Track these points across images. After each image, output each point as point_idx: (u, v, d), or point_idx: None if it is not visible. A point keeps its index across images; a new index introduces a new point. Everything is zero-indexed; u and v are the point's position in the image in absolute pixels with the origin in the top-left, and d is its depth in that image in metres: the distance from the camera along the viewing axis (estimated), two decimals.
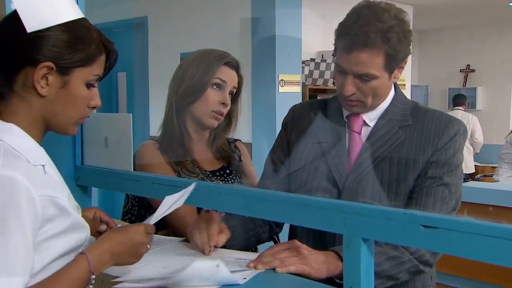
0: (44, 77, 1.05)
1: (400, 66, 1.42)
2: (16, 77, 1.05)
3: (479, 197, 3.09)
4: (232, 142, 1.92)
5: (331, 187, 1.45)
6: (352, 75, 1.38)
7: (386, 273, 1.30)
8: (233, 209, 1.29)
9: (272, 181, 1.57)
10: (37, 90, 1.05)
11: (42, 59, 1.04)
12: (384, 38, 1.33)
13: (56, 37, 1.05)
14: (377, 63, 1.35)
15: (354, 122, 1.48)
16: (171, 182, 1.35)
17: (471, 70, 8.48)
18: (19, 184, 0.93)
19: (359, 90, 1.40)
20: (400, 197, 1.39)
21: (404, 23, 1.37)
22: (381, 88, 1.42)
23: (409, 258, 1.34)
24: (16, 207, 0.92)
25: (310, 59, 4.90)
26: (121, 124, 1.49)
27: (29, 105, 1.06)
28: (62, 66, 1.05)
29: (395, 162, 1.40)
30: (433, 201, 1.37)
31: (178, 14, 5.03)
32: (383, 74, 1.38)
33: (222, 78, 1.73)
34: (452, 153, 1.40)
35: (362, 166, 1.43)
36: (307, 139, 1.54)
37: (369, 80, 1.37)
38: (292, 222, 1.38)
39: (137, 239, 1.12)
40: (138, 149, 1.74)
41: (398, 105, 1.48)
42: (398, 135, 1.43)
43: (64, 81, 1.07)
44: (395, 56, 1.36)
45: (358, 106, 1.44)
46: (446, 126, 1.41)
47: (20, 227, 0.92)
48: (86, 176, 1.57)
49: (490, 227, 0.80)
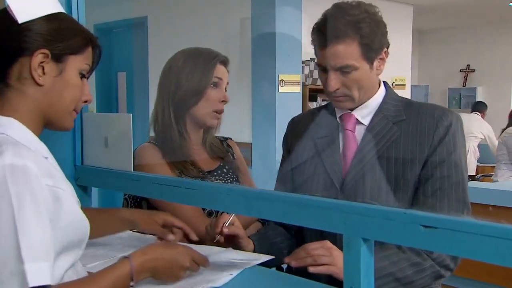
0: (40, 66, 1.06)
1: (380, 58, 1.43)
2: (10, 70, 1.06)
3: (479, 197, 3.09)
4: (224, 140, 1.92)
5: (329, 188, 1.45)
6: (332, 70, 1.40)
7: (408, 279, 1.31)
8: (233, 209, 1.29)
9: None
10: (35, 78, 1.06)
11: (36, 47, 1.06)
12: (355, 28, 1.37)
13: (48, 25, 1.08)
14: (353, 53, 1.38)
15: (347, 121, 1.49)
16: (171, 182, 1.35)
17: (471, 70, 8.49)
18: (31, 172, 0.95)
19: (343, 84, 1.41)
20: (399, 194, 1.39)
21: (374, 15, 1.41)
22: (364, 80, 1.42)
23: (431, 264, 1.34)
24: (33, 195, 0.93)
25: (310, 59, 4.90)
26: (121, 124, 1.49)
27: (25, 97, 1.07)
28: (56, 53, 1.08)
29: (392, 159, 1.40)
30: (448, 204, 1.36)
31: (178, 14, 5.04)
32: (362, 64, 1.40)
33: (218, 76, 1.73)
34: (453, 147, 1.39)
35: (360, 164, 1.43)
36: (304, 144, 1.56)
37: (349, 72, 1.39)
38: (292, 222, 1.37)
39: (180, 261, 1.14)
40: (137, 151, 1.72)
41: (390, 102, 1.49)
42: (393, 131, 1.43)
43: (59, 68, 1.09)
44: (370, 45, 1.39)
45: (346, 101, 1.45)
46: (439, 118, 1.41)
47: (38, 214, 0.93)
48: (86, 176, 1.57)
49: (490, 227, 0.80)
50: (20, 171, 0.93)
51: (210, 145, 1.82)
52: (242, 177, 1.86)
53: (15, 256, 0.88)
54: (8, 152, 0.95)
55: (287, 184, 1.59)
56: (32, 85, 1.07)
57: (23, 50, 1.05)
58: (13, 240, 0.89)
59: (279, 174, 1.65)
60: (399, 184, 1.39)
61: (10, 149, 0.96)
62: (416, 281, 1.33)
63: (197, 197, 1.28)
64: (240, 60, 4.31)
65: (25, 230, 0.90)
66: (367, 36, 1.38)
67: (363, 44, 1.38)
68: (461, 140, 1.42)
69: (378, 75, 1.47)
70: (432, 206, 1.36)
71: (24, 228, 0.90)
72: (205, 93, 1.71)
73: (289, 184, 1.58)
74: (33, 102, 1.08)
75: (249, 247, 1.47)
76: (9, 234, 0.89)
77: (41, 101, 1.08)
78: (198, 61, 1.73)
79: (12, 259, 0.88)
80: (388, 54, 1.45)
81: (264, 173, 3.14)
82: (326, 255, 1.29)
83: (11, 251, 0.88)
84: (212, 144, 1.83)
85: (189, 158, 1.74)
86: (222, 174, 1.80)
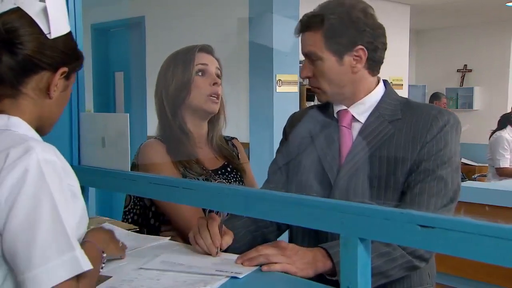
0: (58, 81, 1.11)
1: (355, 55, 1.44)
2: (28, 80, 1.08)
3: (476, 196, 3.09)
4: (229, 140, 1.93)
5: (323, 182, 1.46)
6: (305, 58, 1.49)
7: (378, 270, 1.29)
8: (232, 209, 1.29)
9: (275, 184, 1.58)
10: (50, 92, 1.10)
11: (61, 64, 1.10)
12: (323, 19, 1.43)
13: (70, 43, 1.13)
14: (317, 42, 1.44)
15: (343, 117, 1.51)
16: (169, 182, 1.35)
17: (468, 70, 8.49)
18: (60, 167, 0.99)
19: (313, 74, 1.48)
20: (390, 191, 1.39)
21: (353, 10, 1.43)
22: (332, 73, 1.45)
23: (401, 254, 1.33)
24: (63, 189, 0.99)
25: None
26: (118, 123, 1.49)
27: (34, 106, 1.10)
28: (70, 71, 1.14)
29: (385, 156, 1.41)
30: (427, 197, 1.36)
31: (176, 13, 5.03)
32: (328, 55, 1.44)
33: (201, 62, 1.76)
34: (444, 145, 1.39)
35: (353, 160, 1.44)
36: (302, 137, 1.57)
37: (315, 60, 1.46)
38: (289, 221, 1.38)
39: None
40: (143, 148, 1.73)
41: (388, 101, 1.50)
42: (387, 129, 1.44)
43: (66, 85, 1.14)
44: (335, 38, 1.43)
45: (320, 94, 1.52)
46: (434, 117, 1.41)
47: (68, 207, 0.98)
48: (83, 176, 1.55)
49: (487, 227, 0.80)
50: (52, 166, 0.97)
51: (218, 144, 1.83)
52: (245, 177, 1.86)
53: (68, 244, 0.94)
54: (37, 147, 0.97)
55: (279, 175, 1.59)
56: (44, 97, 1.11)
57: (48, 65, 1.08)
58: (63, 229, 0.95)
59: (272, 165, 1.65)
60: (391, 180, 1.39)
61: (37, 145, 0.98)
62: (387, 271, 1.31)
63: (195, 197, 1.28)
64: (237, 60, 4.31)
65: (67, 220, 0.96)
66: (331, 28, 1.43)
67: (327, 36, 1.43)
68: (455, 139, 1.41)
69: (355, 73, 1.46)
70: (411, 199, 1.37)
71: (66, 219, 0.96)
72: (192, 82, 1.73)
73: (282, 176, 1.58)
74: (38, 111, 1.11)
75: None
76: (58, 224, 0.94)
77: (44, 111, 1.12)
78: (178, 57, 1.78)
79: (66, 247, 0.94)
80: (366, 54, 1.44)
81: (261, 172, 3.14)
82: (278, 254, 1.29)
83: (64, 239, 0.94)
84: (220, 144, 1.84)
85: (194, 156, 1.75)
86: (226, 173, 1.80)
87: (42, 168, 0.95)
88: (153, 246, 1.46)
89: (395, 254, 1.32)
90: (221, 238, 1.37)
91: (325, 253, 1.30)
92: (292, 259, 1.28)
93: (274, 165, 1.64)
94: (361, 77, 1.48)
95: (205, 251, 1.36)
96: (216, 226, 1.38)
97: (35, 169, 0.94)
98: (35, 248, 0.91)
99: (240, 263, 1.28)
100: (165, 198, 1.47)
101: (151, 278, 1.21)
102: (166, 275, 1.22)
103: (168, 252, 1.39)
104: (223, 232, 1.39)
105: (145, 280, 1.19)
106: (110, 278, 1.20)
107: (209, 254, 1.36)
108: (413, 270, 1.39)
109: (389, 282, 1.35)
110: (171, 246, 1.48)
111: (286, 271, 1.25)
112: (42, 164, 0.95)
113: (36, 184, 0.94)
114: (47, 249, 0.92)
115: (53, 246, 0.93)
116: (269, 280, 1.23)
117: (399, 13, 6.51)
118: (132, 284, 1.17)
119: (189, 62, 1.75)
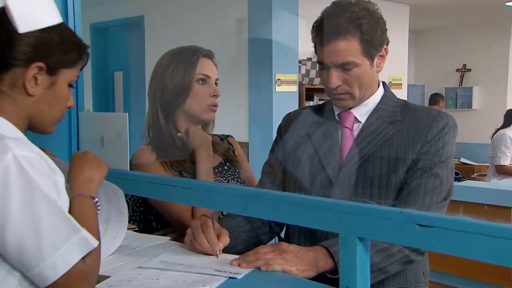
0: (33, 77, 1.07)
1: (380, 55, 1.45)
2: (4, 76, 1.06)
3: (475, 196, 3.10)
4: (225, 138, 1.92)
5: (324, 181, 1.46)
6: (334, 67, 1.42)
7: (377, 266, 1.29)
8: (229, 209, 1.29)
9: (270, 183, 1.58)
10: (27, 89, 1.07)
11: (33, 60, 1.06)
12: (356, 25, 1.39)
13: (46, 38, 1.08)
14: (354, 49, 1.39)
15: (345, 118, 1.50)
16: (168, 181, 1.35)
17: (467, 69, 8.49)
18: (40, 162, 0.99)
19: (344, 81, 1.43)
20: (389, 190, 1.40)
21: (373, 12, 1.43)
22: (365, 77, 1.44)
23: (398, 249, 1.33)
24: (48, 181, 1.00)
25: (306, 58, 4.90)
26: (117, 123, 1.49)
27: (16, 104, 1.08)
28: (51, 66, 1.09)
29: (385, 156, 1.42)
30: (423, 193, 1.38)
31: (175, 13, 5.03)
32: (363, 60, 1.41)
33: (205, 73, 1.72)
34: (442, 145, 1.41)
35: (354, 160, 1.44)
36: (301, 137, 1.56)
37: (350, 69, 1.41)
38: (288, 221, 1.38)
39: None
40: (135, 155, 1.71)
41: (387, 103, 1.50)
42: (387, 130, 1.45)
43: (51, 81, 1.10)
44: (370, 41, 1.40)
45: (347, 100, 1.47)
46: (434, 119, 1.43)
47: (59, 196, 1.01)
48: None
49: (485, 226, 0.80)
50: (31, 160, 0.97)
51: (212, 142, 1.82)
52: (243, 174, 1.85)
53: (72, 227, 0.98)
54: (12, 145, 0.97)
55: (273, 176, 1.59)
56: (23, 94, 1.08)
57: (19, 61, 1.05)
58: (63, 215, 0.98)
59: (266, 165, 1.64)
60: (390, 180, 1.40)
61: (13, 143, 0.97)
62: (385, 267, 1.32)
63: (194, 197, 1.28)
64: (237, 60, 4.32)
65: (59, 210, 0.98)
66: (367, 32, 1.39)
67: (364, 41, 1.39)
68: (452, 140, 1.44)
69: (379, 72, 1.49)
70: (407, 194, 1.38)
71: (62, 206, 0.99)
72: (192, 89, 1.70)
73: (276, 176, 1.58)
74: (22, 109, 1.09)
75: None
76: (56, 212, 0.97)
77: (31, 109, 1.10)
78: (181, 58, 1.73)
79: (71, 230, 0.98)
80: (387, 51, 1.47)
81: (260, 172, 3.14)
82: (278, 259, 1.27)
83: (68, 223, 0.98)
84: (213, 142, 1.82)
85: (186, 156, 1.74)
86: (223, 171, 1.80)
87: (21, 164, 0.95)
88: (152, 246, 1.46)
89: (393, 249, 1.33)
90: (218, 239, 1.35)
91: (326, 252, 1.30)
92: (292, 261, 1.27)
93: (267, 165, 1.64)
94: (375, 78, 1.50)
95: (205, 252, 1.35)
96: (212, 231, 1.36)
97: (14, 166, 0.94)
98: (43, 240, 0.94)
99: (237, 265, 1.26)
100: (164, 198, 1.47)
101: (150, 277, 1.21)
102: (165, 275, 1.22)
103: (167, 252, 1.39)
104: (219, 232, 1.38)
105: (144, 280, 1.19)
106: (109, 277, 1.20)
107: (209, 254, 1.35)
108: (409, 263, 1.40)
109: (385, 279, 1.36)
110: (170, 245, 1.48)
111: (286, 272, 1.25)
112: (21, 159, 0.95)
113: (20, 181, 0.94)
114: (55, 238, 0.95)
115: (59, 233, 0.96)
116: (268, 280, 1.23)
117: (398, 12, 6.51)
118: (131, 284, 1.17)
119: (191, 66, 1.70)
